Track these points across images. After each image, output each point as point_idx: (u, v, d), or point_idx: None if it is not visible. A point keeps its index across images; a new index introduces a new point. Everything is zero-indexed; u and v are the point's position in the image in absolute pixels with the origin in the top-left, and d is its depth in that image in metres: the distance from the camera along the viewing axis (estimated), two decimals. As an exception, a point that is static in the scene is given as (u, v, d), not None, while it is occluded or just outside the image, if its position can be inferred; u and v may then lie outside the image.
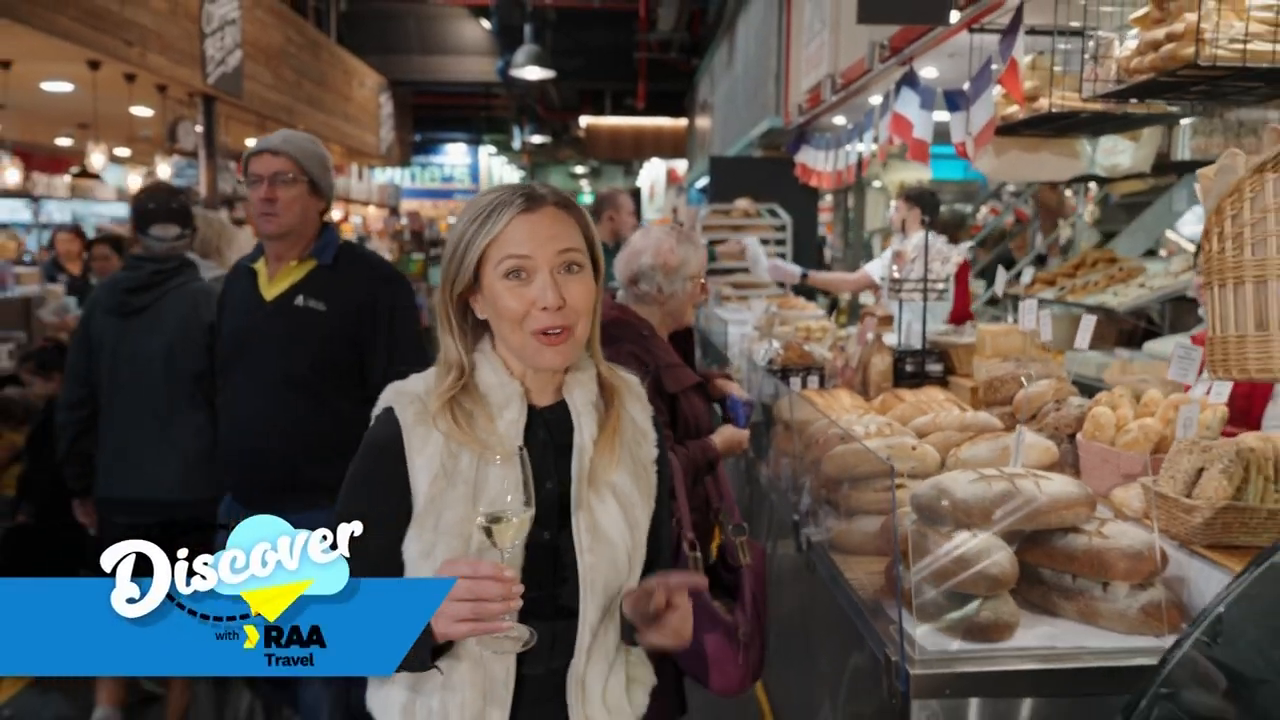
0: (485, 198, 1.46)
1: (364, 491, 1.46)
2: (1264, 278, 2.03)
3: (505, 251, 1.41)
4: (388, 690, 1.47)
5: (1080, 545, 2.19)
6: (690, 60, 15.18)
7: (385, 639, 1.28)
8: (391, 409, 1.47)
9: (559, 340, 1.42)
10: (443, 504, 1.41)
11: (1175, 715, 1.69)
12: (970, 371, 3.65)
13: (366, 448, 1.48)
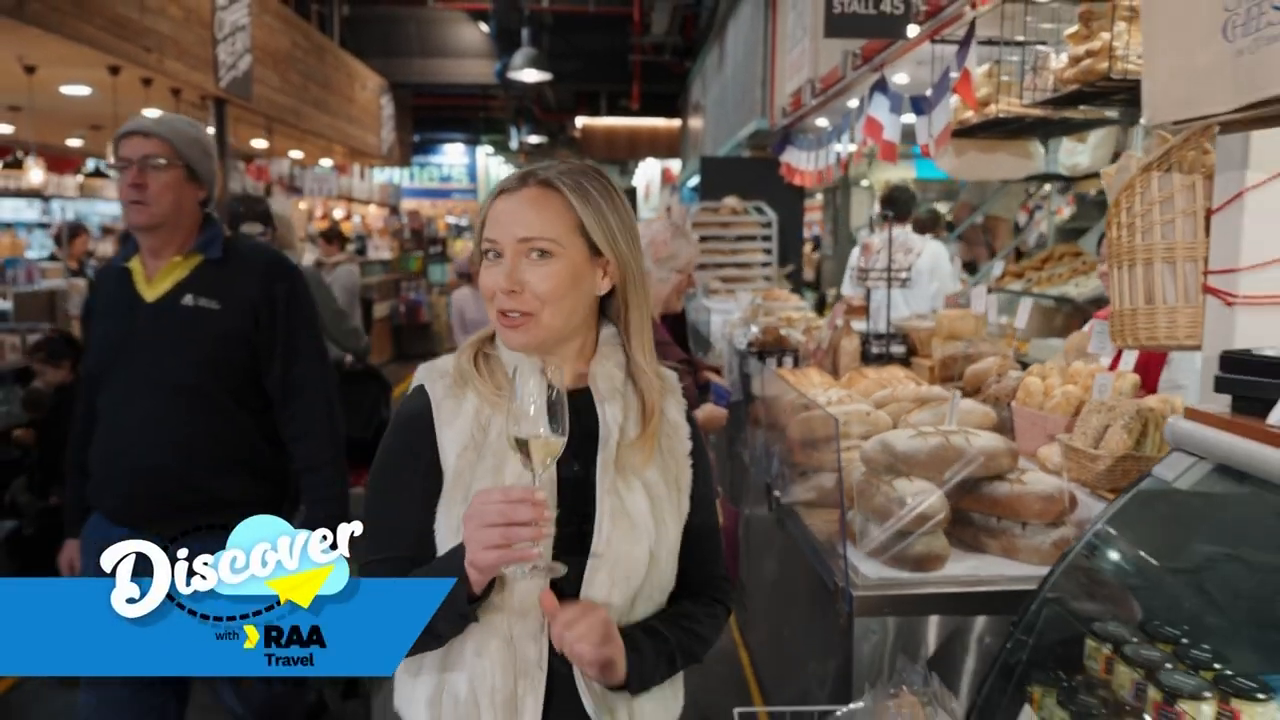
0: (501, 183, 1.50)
1: (394, 467, 1.45)
2: (1151, 260, 2.41)
3: (486, 233, 1.44)
4: (413, 684, 1.45)
5: (1003, 491, 2.57)
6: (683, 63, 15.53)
7: (386, 638, 1.26)
8: (422, 385, 1.47)
9: (517, 324, 1.42)
10: (471, 476, 1.40)
11: (1058, 613, 2.07)
12: (930, 352, 4.02)
13: (397, 422, 1.48)
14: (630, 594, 1.43)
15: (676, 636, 1.48)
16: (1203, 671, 1.79)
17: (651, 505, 1.45)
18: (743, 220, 7.86)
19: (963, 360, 3.64)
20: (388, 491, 1.45)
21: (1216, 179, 2.26)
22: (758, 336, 4.29)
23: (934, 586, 2.42)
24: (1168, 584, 2.08)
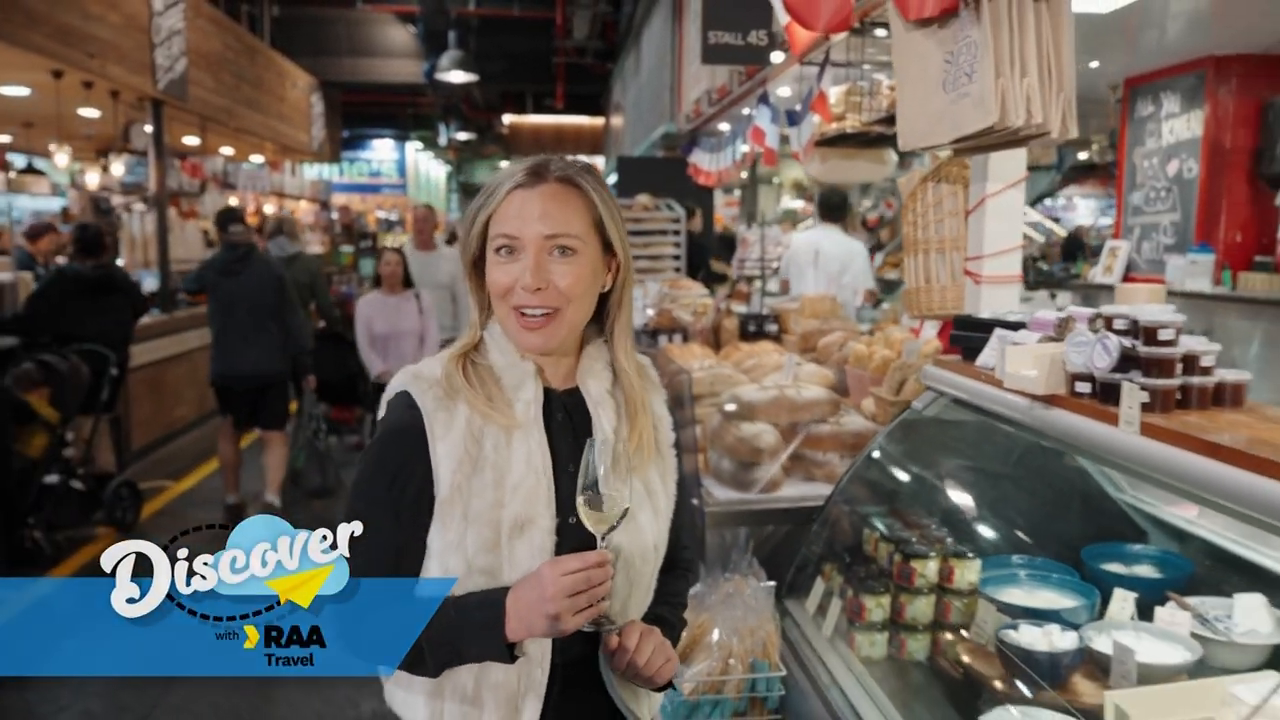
0: (502, 170, 1.45)
1: (384, 480, 1.37)
2: (929, 250, 3.15)
3: (498, 228, 1.38)
4: (409, 679, 1.40)
5: (825, 430, 3.28)
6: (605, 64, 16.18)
7: (386, 639, 1.28)
8: (407, 393, 1.39)
9: (539, 325, 1.38)
10: (469, 491, 1.35)
11: (845, 512, 2.79)
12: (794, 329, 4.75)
13: (385, 434, 1.40)
14: (632, 586, 1.45)
15: (676, 618, 1.56)
16: (935, 545, 2.51)
17: (651, 504, 1.47)
18: (654, 216, 8.53)
19: (817, 334, 4.36)
20: (375, 505, 1.36)
21: (970, 188, 2.99)
22: (653, 318, 4.97)
23: (769, 504, 3.12)
24: (922, 486, 2.81)
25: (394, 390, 1.42)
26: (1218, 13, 4.61)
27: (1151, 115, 5.41)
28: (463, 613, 1.31)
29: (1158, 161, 5.38)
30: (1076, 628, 2.23)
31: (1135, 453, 1.84)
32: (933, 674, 2.42)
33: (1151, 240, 5.46)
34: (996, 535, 2.68)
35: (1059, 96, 2.20)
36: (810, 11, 2.76)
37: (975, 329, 2.57)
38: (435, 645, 1.31)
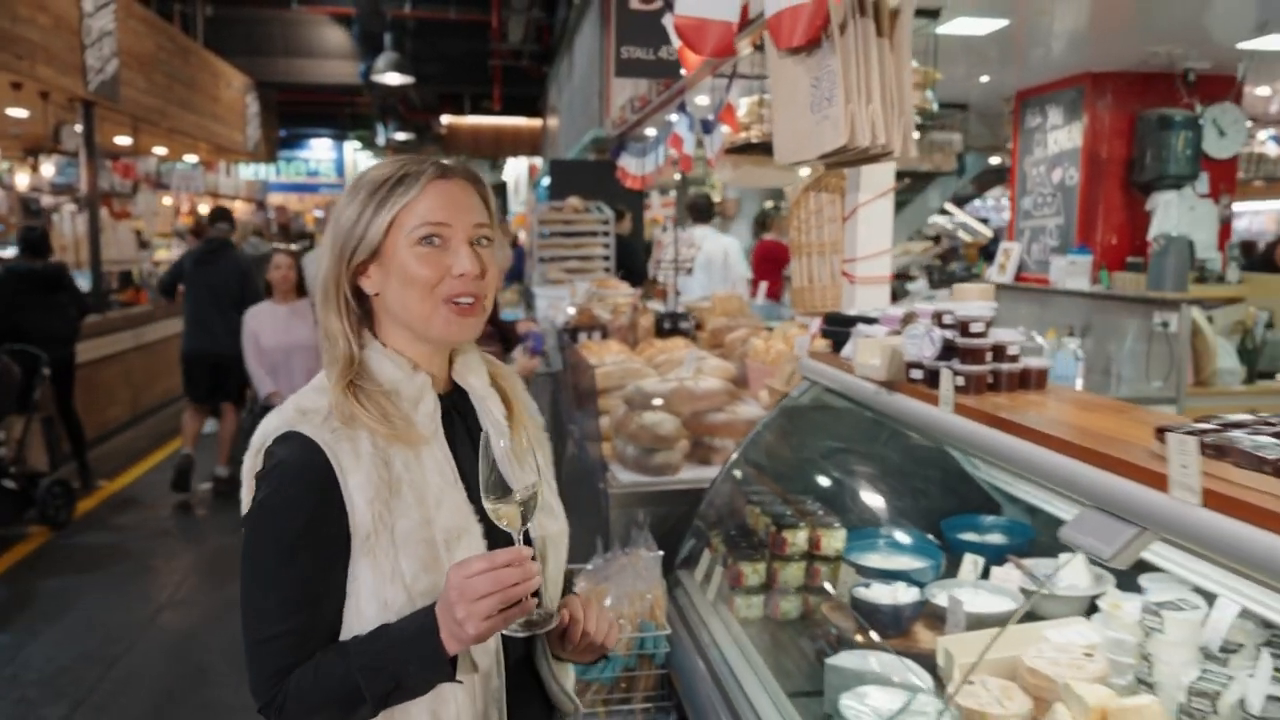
0: (387, 168, 1.36)
1: (292, 527, 1.26)
2: (810, 252, 3.46)
3: (422, 218, 1.31)
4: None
5: (721, 419, 3.58)
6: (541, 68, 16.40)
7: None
8: (298, 433, 1.28)
9: (470, 311, 1.34)
10: (393, 516, 1.27)
11: (728, 488, 3.07)
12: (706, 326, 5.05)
13: (284, 478, 1.27)
14: (561, 566, 1.48)
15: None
16: (806, 517, 2.81)
17: (549, 485, 1.48)
18: (584, 218, 8.78)
19: (725, 331, 4.67)
20: (286, 555, 1.25)
21: (846, 197, 3.31)
22: (574, 317, 5.24)
23: (667, 486, 3.40)
24: (799, 466, 3.11)
25: (278, 433, 1.30)
26: (1094, 33, 5.02)
27: (1039, 126, 5.82)
28: (394, 634, 1.23)
29: (1044, 169, 5.80)
30: (922, 586, 2.54)
31: (951, 429, 2.15)
32: (801, 630, 2.72)
33: (1040, 242, 5.87)
34: (866, 509, 2.99)
35: (900, 121, 2.51)
36: (697, 38, 3.04)
37: (842, 324, 2.87)
38: (370, 675, 1.21)
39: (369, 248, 1.33)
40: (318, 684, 1.24)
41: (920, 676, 2.21)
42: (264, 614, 1.26)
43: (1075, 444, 1.72)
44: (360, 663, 1.22)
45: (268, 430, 1.32)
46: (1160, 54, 5.13)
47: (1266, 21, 4.43)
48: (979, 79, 5.91)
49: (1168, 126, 5.18)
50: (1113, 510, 1.59)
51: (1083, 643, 2.15)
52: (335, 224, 1.36)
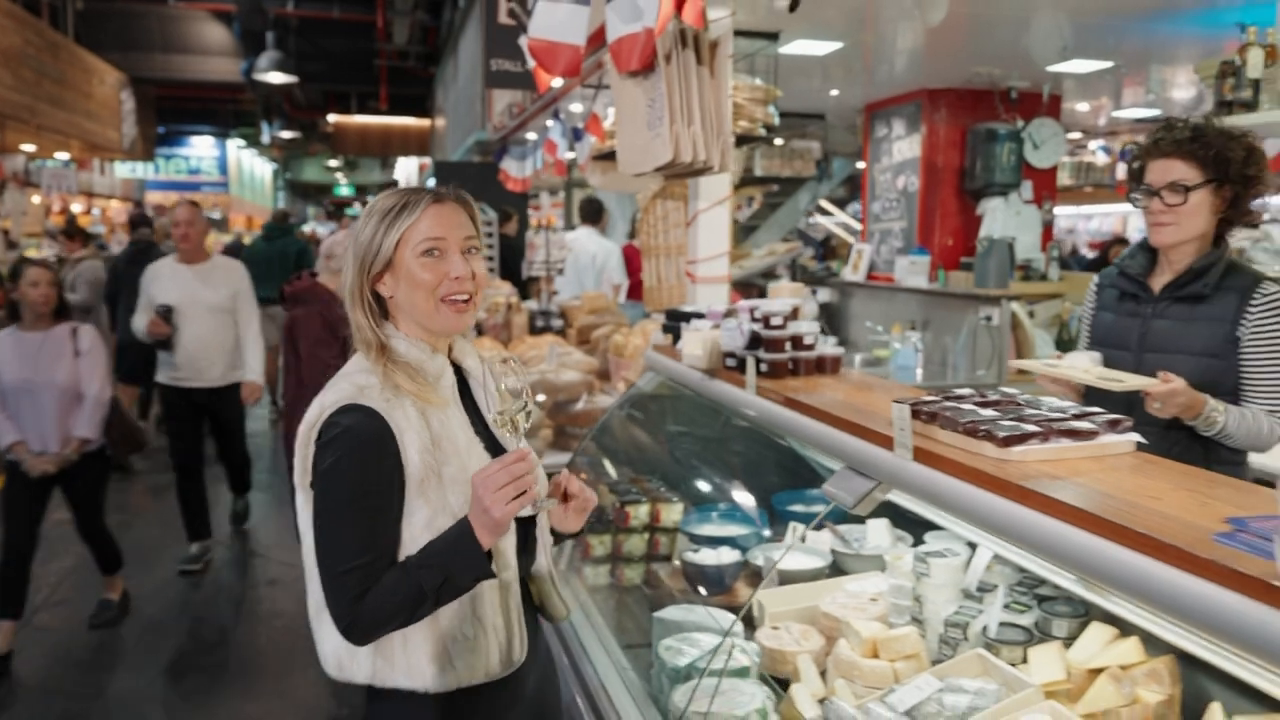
0: (394, 198, 1.66)
1: (368, 482, 1.54)
2: (659, 254, 3.79)
3: (423, 235, 1.60)
4: (410, 653, 1.60)
5: (580, 408, 3.88)
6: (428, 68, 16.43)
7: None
8: (357, 405, 1.56)
9: (465, 308, 1.64)
10: (439, 465, 1.57)
11: (579, 470, 3.36)
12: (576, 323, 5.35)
13: (356, 443, 1.55)
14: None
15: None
16: (647, 493, 3.13)
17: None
18: (468, 219, 8.95)
19: (592, 328, 4.97)
20: (360, 504, 1.54)
21: (688, 205, 3.65)
22: (450, 315, 5.47)
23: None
24: (644, 448, 3.43)
25: (337, 406, 1.57)
26: (928, 53, 5.49)
27: (885, 137, 6.31)
28: (439, 541, 1.53)
29: (890, 176, 6.28)
30: (746, 550, 2.88)
31: (755, 408, 2.49)
32: (641, 594, 3.03)
33: (887, 244, 6.36)
34: (704, 486, 3.33)
35: (719, 140, 2.84)
36: (549, 59, 3.32)
37: (674, 318, 3.20)
38: (424, 573, 1.51)
39: (384, 260, 1.64)
40: (385, 595, 1.52)
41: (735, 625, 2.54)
42: (343, 551, 1.53)
43: (837, 416, 2.08)
44: (416, 566, 1.52)
45: (326, 403, 1.58)
46: (984, 74, 5.65)
47: (1066, 47, 4.97)
48: (830, 92, 6.36)
49: (994, 139, 5.71)
50: (859, 468, 1.95)
51: (872, 591, 2.51)
52: (355, 242, 1.66)
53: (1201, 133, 2.27)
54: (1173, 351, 2.32)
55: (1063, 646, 1.95)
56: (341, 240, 4.19)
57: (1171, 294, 2.35)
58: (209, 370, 5.04)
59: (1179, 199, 2.26)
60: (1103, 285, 2.56)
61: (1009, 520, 1.47)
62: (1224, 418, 2.20)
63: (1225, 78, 3.57)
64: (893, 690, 1.96)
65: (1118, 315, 2.45)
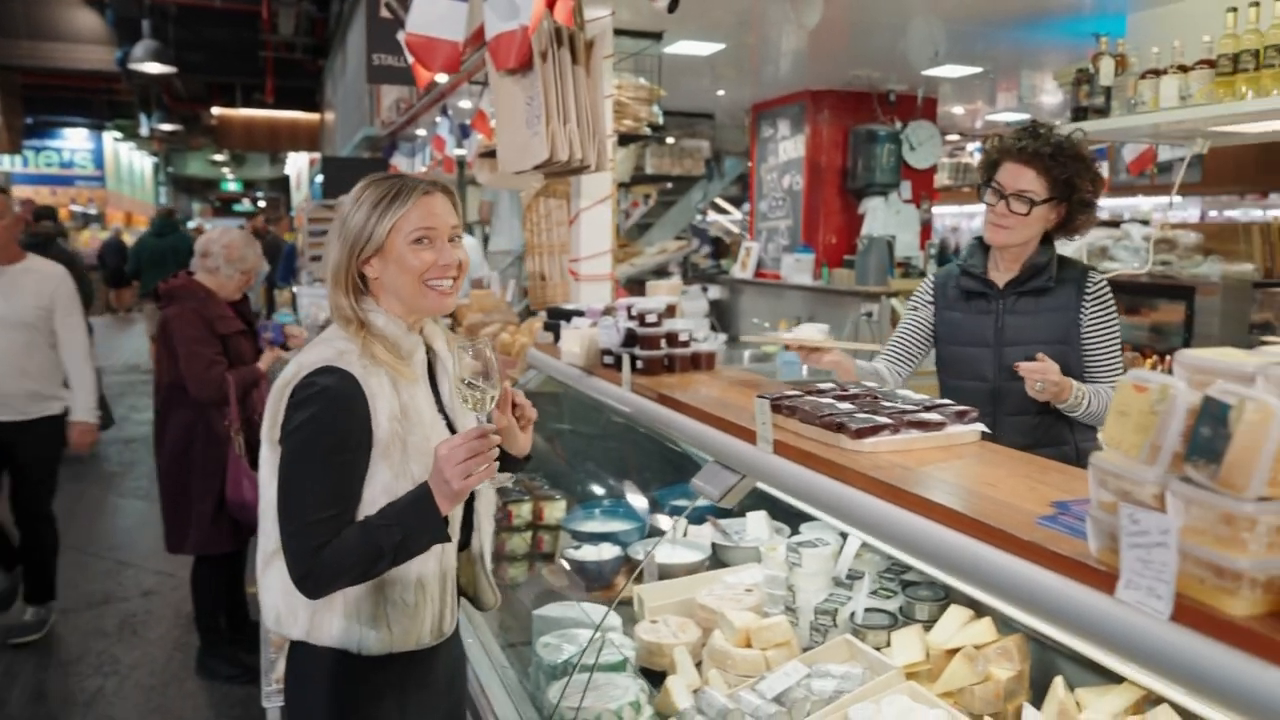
0: (383, 187, 1.71)
1: (335, 438, 1.61)
2: (542, 252, 3.79)
3: (415, 224, 1.68)
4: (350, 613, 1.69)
5: (466, 407, 3.84)
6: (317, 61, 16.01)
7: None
8: (337, 367, 1.63)
9: (450, 292, 1.73)
10: (405, 433, 1.65)
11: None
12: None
13: (329, 399, 1.61)
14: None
15: None
16: (530, 491, 3.12)
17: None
18: (356, 216, 8.77)
19: (481, 326, 4.94)
20: (330, 459, 1.60)
21: (571, 203, 3.66)
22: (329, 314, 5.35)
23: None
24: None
25: (315, 366, 1.63)
26: (810, 55, 5.62)
27: (771, 137, 6.43)
28: (400, 502, 1.61)
29: (776, 175, 6.41)
30: (627, 545, 2.90)
31: (631, 406, 2.52)
32: (525, 591, 3.03)
33: (774, 242, 6.49)
34: (588, 483, 3.35)
35: (595, 139, 2.86)
36: (426, 55, 3.29)
37: (555, 316, 3.21)
38: (383, 531, 1.58)
39: (375, 245, 1.70)
40: (344, 550, 1.58)
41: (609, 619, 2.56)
42: (310, 502, 1.59)
43: (705, 411, 2.12)
44: (376, 524, 1.59)
45: (305, 363, 1.65)
46: (863, 76, 5.82)
47: (938, 52, 5.16)
48: (717, 92, 6.45)
49: (874, 140, 5.88)
50: (726, 462, 1.99)
51: (749, 582, 2.56)
52: (344, 227, 1.72)
53: (1060, 150, 2.38)
54: (1028, 343, 2.45)
55: (923, 629, 2.03)
56: (218, 239, 4.06)
57: (1017, 289, 2.49)
58: (2, 399, 4.07)
59: (1024, 209, 2.38)
60: (941, 284, 2.64)
61: (859, 509, 1.53)
62: (1086, 398, 2.36)
63: (1081, 85, 3.76)
64: (763, 678, 2.01)
65: (967, 314, 2.55)
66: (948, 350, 2.60)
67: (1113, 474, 1.09)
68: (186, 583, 4.05)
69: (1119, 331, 2.54)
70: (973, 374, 2.52)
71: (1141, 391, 1.06)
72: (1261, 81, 3.10)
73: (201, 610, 3.95)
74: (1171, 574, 0.99)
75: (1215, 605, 0.97)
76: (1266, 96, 3.08)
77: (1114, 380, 2.50)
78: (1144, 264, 4.61)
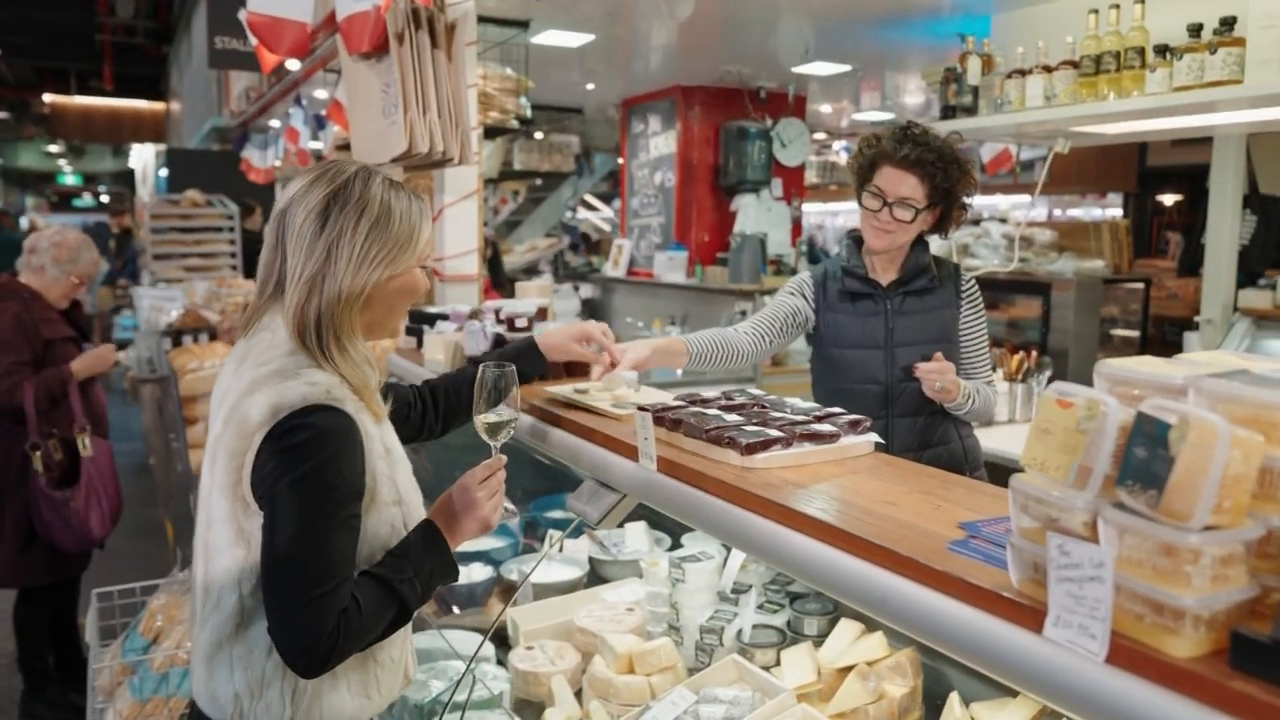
0: (402, 200, 1.52)
1: (342, 489, 1.40)
2: (404, 252, 3.55)
3: (425, 252, 1.58)
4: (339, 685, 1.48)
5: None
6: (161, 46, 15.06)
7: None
8: (324, 405, 1.39)
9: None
10: (393, 473, 1.50)
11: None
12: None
13: (332, 444, 1.39)
14: None
15: None
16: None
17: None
18: (205, 213, 8.26)
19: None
20: (342, 511, 1.40)
21: (434, 199, 3.44)
22: (179, 317, 4.95)
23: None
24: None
25: (302, 405, 1.38)
26: (680, 50, 5.54)
27: (642, 133, 6.33)
28: (413, 551, 1.48)
29: (648, 172, 6.31)
30: (500, 564, 2.72)
31: (501, 416, 2.33)
32: (389, 619, 2.81)
33: (646, 239, 6.39)
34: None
35: (458, 130, 2.66)
36: (272, 36, 3.02)
37: (416, 320, 3.00)
38: (410, 589, 1.45)
39: (396, 271, 1.51)
40: (365, 614, 1.39)
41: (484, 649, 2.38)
42: (322, 569, 1.35)
43: (582, 425, 1.96)
44: (391, 577, 1.43)
45: (285, 402, 1.38)
46: (734, 72, 5.78)
47: (808, 50, 5.15)
48: (587, 86, 6.31)
49: (745, 137, 5.85)
50: (605, 480, 1.84)
51: (630, 599, 2.42)
52: (365, 245, 1.48)
53: (941, 157, 2.33)
54: (918, 343, 2.42)
55: (813, 646, 1.94)
56: (49, 237, 3.69)
57: (903, 289, 2.45)
58: None
59: (908, 216, 2.33)
60: (820, 284, 2.54)
61: (755, 534, 1.40)
62: (970, 397, 2.36)
63: (949, 84, 3.78)
64: (648, 708, 1.88)
65: (854, 316, 2.48)
66: (836, 354, 2.51)
67: (1036, 499, 0.99)
68: (9, 617, 3.65)
69: (987, 328, 2.55)
70: (864, 377, 2.46)
71: (1066, 407, 0.96)
72: (1123, 83, 3.15)
73: (25, 650, 3.56)
74: (1107, 611, 0.89)
75: (1155, 645, 0.87)
76: (1127, 97, 3.13)
77: (986, 376, 2.53)
78: (1006, 261, 4.70)
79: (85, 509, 3.25)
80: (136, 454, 7.19)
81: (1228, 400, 0.89)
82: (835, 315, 2.50)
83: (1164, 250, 8.73)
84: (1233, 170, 4.40)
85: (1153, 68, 3.04)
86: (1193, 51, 2.89)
